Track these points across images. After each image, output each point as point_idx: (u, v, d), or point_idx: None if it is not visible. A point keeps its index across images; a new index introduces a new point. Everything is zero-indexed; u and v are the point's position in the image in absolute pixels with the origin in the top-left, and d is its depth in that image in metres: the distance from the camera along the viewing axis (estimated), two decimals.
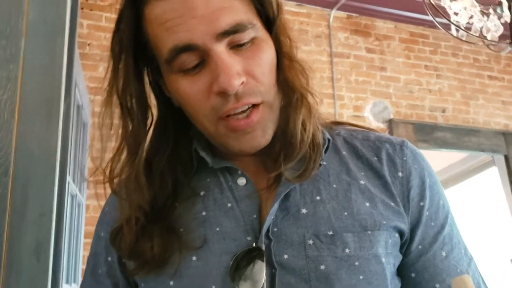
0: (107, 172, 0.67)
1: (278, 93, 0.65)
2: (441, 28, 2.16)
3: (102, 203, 0.78)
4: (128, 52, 0.65)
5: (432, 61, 3.71)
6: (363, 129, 0.76)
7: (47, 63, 1.13)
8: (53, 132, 1.11)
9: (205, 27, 0.59)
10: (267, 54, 0.63)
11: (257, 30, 0.63)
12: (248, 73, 0.61)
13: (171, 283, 0.63)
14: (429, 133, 3.40)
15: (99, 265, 0.73)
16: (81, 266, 2.35)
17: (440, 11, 1.97)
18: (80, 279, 2.30)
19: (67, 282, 1.86)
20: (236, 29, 0.60)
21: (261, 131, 0.64)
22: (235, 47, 0.61)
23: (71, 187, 1.83)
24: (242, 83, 0.60)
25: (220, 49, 0.60)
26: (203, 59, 0.61)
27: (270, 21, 0.66)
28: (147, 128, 0.68)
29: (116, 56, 0.65)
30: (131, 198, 0.66)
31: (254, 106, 0.62)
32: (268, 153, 0.66)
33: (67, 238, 1.82)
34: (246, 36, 0.61)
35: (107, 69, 0.67)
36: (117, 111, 0.67)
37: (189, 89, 0.62)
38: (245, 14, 0.61)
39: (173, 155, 0.70)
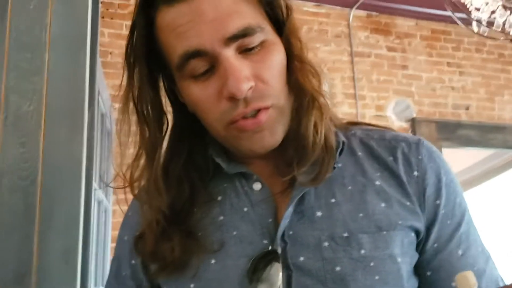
0: (127, 177, 0.69)
1: (289, 95, 0.66)
2: (461, 24, 2.13)
3: (125, 208, 0.80)
4: (141, 60, 0.66)
5: (455, 58, 3.66)
6: (380, 129, 0.76)
7: (71, 75, 1.17)
8: (78, 141, 1.14)
9: (213, 32, 0.60)
10: (277, 57, 0.64)
11: (266, 33, 0.63)
12: (257, 77, 0.62)
13: (192, 286, 0.65)
14: (452, 131, 3.36)
15: (123, 268, 0.75)
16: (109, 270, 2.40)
17: (460, 7, 1.95)
18: None
19: (95, 285, 1.91)
20: (244, 33, 0.60)
21: (269, 131, 0.64)
22: (244, 51, 0.62)
23: (98, 193, 1.87)
24: (251, 87, 0.61)
25: (229, 53, 0.60)
26: (213, 65, 0.62)
27: (280, 23, 0.66)
28: (163, 134, 0.70)
29: (130, 64, 0.67)
30: (151, 202, 0.68)
31: (264, 108, 0.63)
32: (282, 156, 0.67)
33: (95, 243, 1.86)
34: (255, 40, 0.61)
35: (123, 76, 0.68)
36: (134, 118, 0.68)
37: (200, 94, 0.63)
38: (254, 18, 0.62)
39: (190, 160, 0.71)
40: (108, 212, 2.39)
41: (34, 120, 1.12)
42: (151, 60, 0.67)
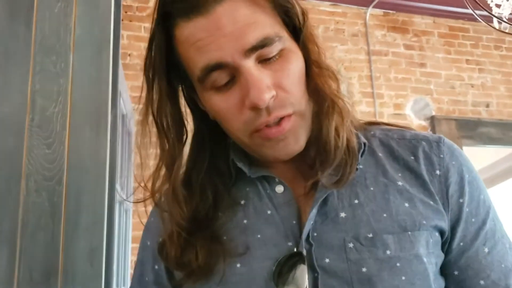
0: (149, 186, 0.69)
1: (309, 100, 0.66)
2: (482, 21, 2.11)
3: (146, 209, 0.80)
4: (160, 74, 0.67)
5: (474, 55, 3.62)
6: (399, 128, 0.75)
7: (95, 76, 1.18)
8: (102, 142, 1.15)
9: (233, 44, 0.60)
10: (295, 64, 0.64)
11: (284, 42, 0.63)
12: (278, 86, 0.62)
13: None
14: (472, 129, 3.32)
15: (146, 273, 0.76)
16: (129, 271, 2.42)
17: (480, 4, 1.93)
18: (128, 283, 2.37)
19: (117, 286, 1.93)
20: (264, 44, 0.61)
21: (294, 138, 0.65)
22: (263, 61, 0.62)
23: (119, 193, 1.89)
24: (273, 96, 0.61)
25: (249, 64, 0.61)
26: (234, 75, 0.62)
27: (296, 30, 0.66)
28: (183, 145, 0.70)
29: (149, 78, 0.67)
30: (171, 213, 0.69)
31: (285, 116, 0.63)
32: (304, 159, 0.68)
33: (116, 243, 1.88)
34: (274, 49, 0.62)
35: (142, 89, 0.69)
36: (154, 129, 0.69)
37: (222, 105, 0.64)
38: (271, 27, 0.62)
39: (212, 166, 0.72)
40: (128, 213, 2.42)
41: (60, 122, 1.14)
42: (170, 72, 0.68)
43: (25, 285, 1.06)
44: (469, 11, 2.15)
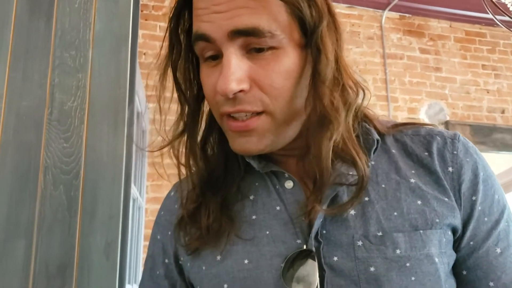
0: (172, 142, 0.70)
1: (294, 107, 0.63)
2: (502, 26, 2.09)
3: (158, 207, 0.81)
4: (180, 31, 0.68)
5: (490, 60, 3.59)
6: (415, 125, 0.73)
7: (113, 71, 1.19)
8: (120, 137, 1.16)
9: (221, 23, 0.59)
10: (283, 67, 0.61)
11: (280, 41, 0.60)
12: (255, 82, 0.60)
13: (225, 286, 0.64)
14: (487, 135, 3.29)
15: (156, 267, 0.75)
16: (141, 268, 2.43)
17: (500, 8, 1.91)
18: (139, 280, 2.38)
19: (129, 282, 1.93)
20: (249, 33, 0.59)
21: (257, 138, 0.63)
22: (253, 51, 0.61)
23: (133, 191, 1.90)
24: (242, 90, 0.60)
25: (231, 50, 0.60)
26: (220, 55, 0.62)
27: (309, 34, 0.63)
28: (200, 103, 0.71)
29: (171, 34, 0.68)
30: (190, 170, 0.70)
31: (257, 113, 0.61)
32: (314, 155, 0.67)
33: (129, 240, 1.89)
34: (262, 44, 0.60)
35: (162, 44, 0.70)
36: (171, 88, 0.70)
37: (205, 79, 0.64)
38: (267, 22, 0.59)
39: (223, 142, 0.71)
40: (141, 210, 2.43)
41: (78, 116, 1.15)
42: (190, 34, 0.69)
43: (41, 277, 1.07)
44: (487, 15, 2.13)
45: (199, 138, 0.70)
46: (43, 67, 1.18)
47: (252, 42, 0.60)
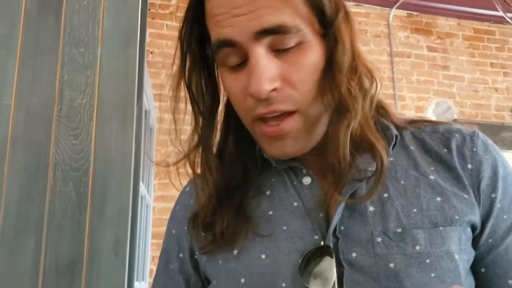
0: (188, 155, 0.69)
1: (321, 101, 0.63)
2: None
3: (166, 205, 0.81)
4: (192, 42, 0.67)
5: (499, 58, 3.57)
6: (433, 122, 0.73)
7: (122, 69, 1.19)
8: (128, 134, 1.16)
9: (245, 25, 0.59)
10: (310, 61, 0.61)
11: (304, 35, 0.60)
12: (285, 80, 0.60)
13: (242, 280, 0.64)
14: (495, 134, 3.27)
15: (171, 261, 0.75)
16: (149, 266, 2.43)
17: (511, 5, 1.89)
18: (147, 278, 2.38)
19: (137, 279, 1.94)
20: (276, 30, 0.59)
21: (293, 140, 0.62)
22: (279, 51, 0.60)
23: (141, 188, 1.90)
24: (275, 89, 0.59)
25: (259, 50, 0.59)
26: (246, 58, 0.61)
27: (328, 25, 0.63)
28: (215, 113, 0.70)
29: (183, 46, 0.68)
30: (206, 181, 0.69)
31: (289, 113, 0.61)
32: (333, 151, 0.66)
33: (137, 238, 1.90)
34: (289, 40, 0.59)
35: (174, 57, 0.69)
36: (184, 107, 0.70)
37: (231, 85, 0.63)
38: (291, 17, 0.59)
39: (240, 147, 0.71)
40: (149, 208, 2.43)
41: (87, 113, 1.15)
42: (204, 44, 0.68)
43: (51, 273, 1.07)
44: (496, 13, 2.12)
45: (214, 149, 0.70)
46: (52, 64, 1.18)
47: (278, 41, 0.59)
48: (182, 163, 0.70)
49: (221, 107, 0.72)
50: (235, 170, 0.70)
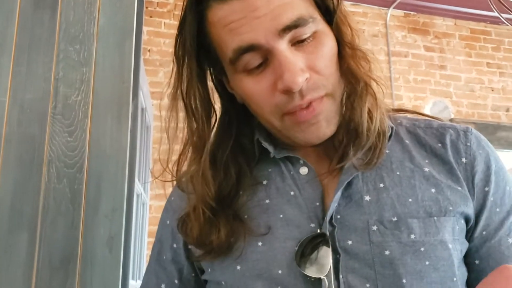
0: (175, 171, 0.70)
1: (340, 82, 0.66)
2: (508, 24, 2.08)
3: (163, 204, 0.81)
4: (191, 55, 0.67)
5: (495, 59, 3.58)
6: (426, 118, 0.75)
7: (117, 65, 1.19)
8: (123, 131, 1.16)
9: (267, 25, 0.60)
10: (328, 46, 0.64)
11: (318, 24, 0.63)
12: (311, 68, 0.62)
13: (238, 267, 0.65)
14: (492, 133, 3.28)
15: (164, 251, 0.76)
16: (145, 265, 2.43)
17: (506, 6, 1.90)
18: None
19: (132, 278, 1.93)
20: (297, 24, 0.60)
21: (326, 121, 0.64)
22: (297, 43, 0.62)
23: (137, 186, 1.90)
24: (306, 79, 0.61)
25: (283, 47, 0.61)
26: (266, 58, 0.62)
27: (330, 12, 0.66)
28: (211, 126, 0.71)
29: (179, 60, 0.68)
30: (197, 192, 0.69)
31: (319, 98, 0.63)
32: (330, 141, 0.67)
33: (133, 235, 1.90)
34: (307, 31, 0.62)
35: (172, 72, 0.69)
36: (181, 114, 0.70)
37: (253, 88, 0.64)
38: (305, 8, 0.62)
39: (236, 145, 0.72)
40: (145, 206, 2.43)
41: (82, 110, 1.15)
42: (200, 55, 0.68)
43: (44, 269, 1.07)
44: (492, 13, 2.12)
45: (208, 158, 0.70)
46: (47, 61, 1.18)
47: (297, 34, 0.61)
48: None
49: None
50: (229, 173, 0.71)
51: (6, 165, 1.11)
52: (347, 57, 0.65)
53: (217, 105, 0.74)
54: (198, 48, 0.67)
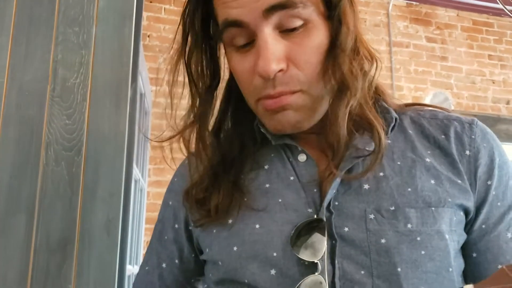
0: (182, 132, 0.70)
1: (321, 81, 0.64)
2: (511, 16, 2.06)
3: (161, 190, 0.82)
4: (196, 22, 0.68)
5: (497, 51, 3.57)
6: (432, 108, 0.75)
7: (116, 49, 1.18)
8: (122, 115, 1.16)
9: (253, 5, 0.59)
10: (316, 41, 0.62)
11: (310, 13, 0.61)
12: (292, 60, 0.61)
13: (235, 248, 0.65)
14: (492, 126, 3.26)
15: (165, 231, 0.77)
16: (142, 251, 2.44)
17: None
18: (141, 262, 2.39)
19: (130, 263, 1.94)
20: (284, 5, 0.59)
21: (293, 112, 0.63)
22: (286, 31, 0.61)
23: (135, 172, 1.90)
24: (281, 70, 0.60)
25: (267, 30, 0.60)
26: (253, 39, 0.62)
27: (332, 6, 0.64)
28: (213, 92, 0.71)
29: (186, 26, 0.69)
30: (201, 157, 0.70)
31: (292, 92, 0.63)
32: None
33: (131, 221, 1.90)
34: (296, 18, 0.60)
35: (175, 34, 0.70)
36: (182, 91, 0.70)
37: (238, 65, 0.64)
38: None
39: (239, 123, 0.73)
40: (143, 192, 2.43)
41: (80, 93, 1.14)
42: (208, 24, 0.69)
43: (42, 252, 1.07)
44: (495, 5, 2.11)
45: (210, 127, 0.71)
46: (46, 43, 1.17)
47: (286, 18, 0.60)
48: (177, 143, 0.71)
49: (221, 85, 0.73)
50: (232, 146, 0.72)
51: (4, 146, 1.10)
52: (335, 57, 0.63)
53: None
54: (206, 19, 0.68)
